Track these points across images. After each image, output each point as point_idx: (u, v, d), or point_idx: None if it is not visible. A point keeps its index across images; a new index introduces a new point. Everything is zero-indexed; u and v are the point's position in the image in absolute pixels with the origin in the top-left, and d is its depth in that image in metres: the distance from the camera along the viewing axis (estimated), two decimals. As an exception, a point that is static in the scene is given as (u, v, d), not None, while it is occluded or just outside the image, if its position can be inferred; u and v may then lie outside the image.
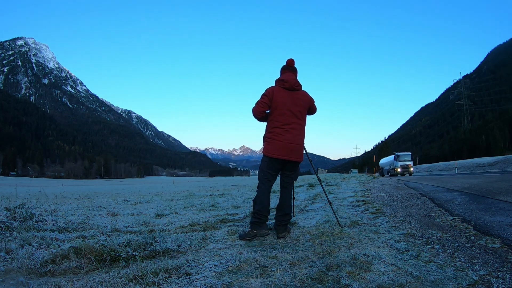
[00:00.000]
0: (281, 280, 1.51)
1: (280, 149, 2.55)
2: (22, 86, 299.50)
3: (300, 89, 2.70)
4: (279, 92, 2.60)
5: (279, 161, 2.62)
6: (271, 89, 2.62)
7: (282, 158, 2.58)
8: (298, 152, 2.63)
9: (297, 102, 2.61)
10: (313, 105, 2.79)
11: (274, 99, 2.58)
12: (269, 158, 2.62)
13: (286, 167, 2.71)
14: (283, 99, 2.58)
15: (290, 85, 2.61)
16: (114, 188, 18.31)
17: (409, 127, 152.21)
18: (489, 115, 69.84)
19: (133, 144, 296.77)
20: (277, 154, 2.57)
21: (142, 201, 5.88)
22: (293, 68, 2.76)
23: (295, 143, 2.59)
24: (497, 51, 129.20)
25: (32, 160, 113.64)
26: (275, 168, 2.66)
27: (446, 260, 1.72)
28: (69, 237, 2.46)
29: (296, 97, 2.62)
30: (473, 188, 5.28)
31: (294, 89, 2.63)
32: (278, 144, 2.56)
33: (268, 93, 2.60)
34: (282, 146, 2.55)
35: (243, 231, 2.63)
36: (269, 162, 2.64)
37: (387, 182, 10.01)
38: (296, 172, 2.78)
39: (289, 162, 2.64)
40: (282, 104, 2.57)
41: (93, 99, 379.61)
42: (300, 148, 2.65)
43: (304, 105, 2.65)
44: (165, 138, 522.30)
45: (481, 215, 2.85)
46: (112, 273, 1.63)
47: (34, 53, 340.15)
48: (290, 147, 2.57)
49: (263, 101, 2.60)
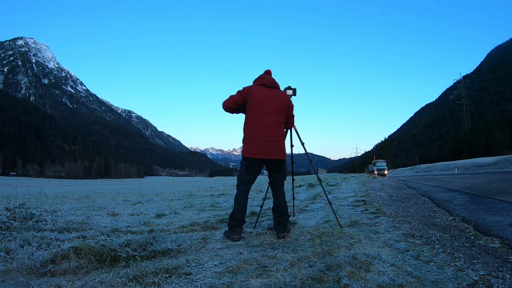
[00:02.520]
0: (281, 280, 1.51)
1: (259, 149, 2.46)
2: (22, 86, 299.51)
3: (278, 89, 2.68)
4: (256, 89, 2.57)
5: (259, 161, 2.52)
6: (248, 87, 2.60)
7: (262, 158, 2.48)
8: (279, 149, 2.53)
9: (275, 99, 2.57)
10: (291, 109, 2.72)
11: (251, 96, 2.54)
12: (248, 160, 2.52)
13: (271, 169, 2.62)
14: (260, 95, 2.54)
15: (267, 81, 2.60)
16: (114, 188, 18.31)
17: (409, 127, 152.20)
18: (489, 115, 69.85)
19: (133, 144, 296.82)
20: (256, 154, 2.46)
21: (142, 201, 5.88)
22: (270, 75, 2.76)
23: (274, 140, 2.49)
24: (497, 51, 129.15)
25: (32, 160, 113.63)
26: (255, 171, 2.57)
27: (446, 260, 1.72)
28: (69, 237, 2.46)
29: (275, 94, 2.60)
30: (473, 188, 5.28)
31: (272, 86, 2.62)
32: (256, 143, 2.47)
33: (243, 91, 2.57)
34: (260, 145, 2.46)
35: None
36: (249, 164, 2.54)
37: (387, 182, 10.00)
38: (283, 172, 2.68)
39: (271, 162, 2.55)
40: (259, 100, 2.53)
41: (93, 99, 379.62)
42: (280, 145, 2.55)
43: (281, 102, 2.60)
44: (165, 138, 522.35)
45: (481, 215, 2.85)
46: (112, 273, 1.63)
47: (34, 53, 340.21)
48: (270, 145, 2.47)
49: (235, 97, 2.58)
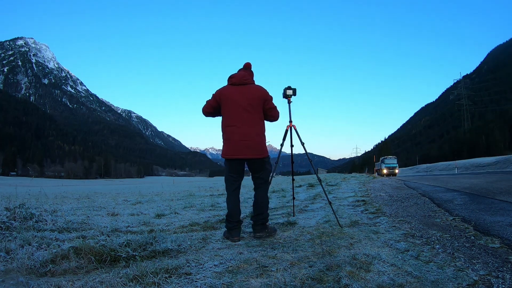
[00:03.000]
0: (281, 280, 1.51)
1: (235, 149, 2.48)
2: (22, 86, 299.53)
3: (251, 84, 2.61)
4: (227, 90, 2.57)
5: (238, 161, 2.53)
6: (219, 90, 2.61)
7: (238, 157, 2.49)
8: (255, 147, 2.50)
9: (246, 96, 2.52)
10: (269, 102, 2.63)
11: (222, 98, 2.55)
12: (228, 161, 2.55)
13: (251, 168, 2.61)
14: (231, 95, 2.53)
15: (237, 79, 2.56)
16: (114, 188, 18.31)
17: (409, 127, 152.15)
18: (489, 115, 69.84)
19: (133, 144, 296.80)
20: (232, 154, 2.49)
21: (142, 201, 5.87)
22: (247, 69, 2.71)
23: (248, 139, 2.47)
24: (497, 51, 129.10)
25: (32, 160, 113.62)
26: (237, 170, 2.58)
27: (446, 260, 1.72)
28: (69, 237, 2.46)
29: (245, 91, 2.54)
30: (473, 188, 5.29)
31: (243, 83, 2.56)
32: (231, 143, 2.49)
33: (216, 94, 2.60)
34: (235, 145, 2.47)
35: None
36: (230, 165, 2.56)
37: (387, 182, 10.00)
38: (265, 170, 2.63)
39: (250, 161, 2.54)
40: (230, 100, 2.52)
41: (93, 99, 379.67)
42: (256, 143, 2.51)
43: (254, 98, 2.54)
44: (165, 138, 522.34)
45: (481, 215, 2.85)
46: (112, 273, 1.63)
47: (34, 53, 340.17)
48: (243, 144, 2.46)
49: (209, 102, 2.62)
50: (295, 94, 3.17)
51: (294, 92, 3.17)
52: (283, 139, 3.16)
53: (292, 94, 3.16)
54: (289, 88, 3.15)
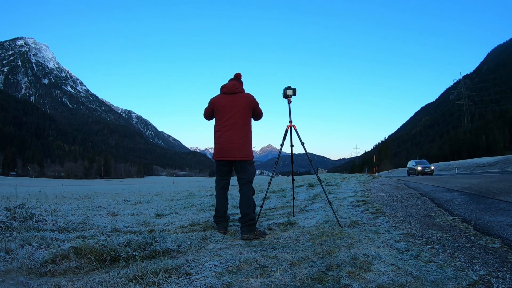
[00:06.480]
0: (281, 280, 1.51)
1: (220, 151, 2.75)
2: (22, 86, 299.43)
3: (240, 92, 2.85)
4: (218, 98, 2.85)
5: (223, 163, 2.82)
6: (213, 99, 2.90)
7: (222, 159, 2.77)
8: (237, 150, 2.72)
9: (235, 103, 2.77)
10: (256, 107, 2.88)
11: (215, 106, 2.84)
12: (216, 162, 2.86)
13: (235, 169, 2.84)
14: (221, 103, 2.80)
15: (227, 89, 2.82)
16: (114, 188, 18.31)
17: (409, 127, 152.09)
18: (489, 115, 69.78)
19: (133, 144, 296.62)
20: (218, 156, 2.78)
21: (142, 201, 5.87)
22: (237, 78, 2.96)
23: (231, 142, 2.72)
24: (497, 51, 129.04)
25: (32, 160, 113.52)
26: (224, 171, 2.87)
27: (446, 260, 1.72)
28: (69, 237, 2.46)
29: (234, 99, 2.79)
30: (473, 188, 5.28)
31: (232, 92, 2.81)
32: (218, 146, 2.77)
33: (210, 102, 2.89)
34: (220, 148, 2.75)
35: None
36: (217, 166, 2.87)
37: (387, 182, 10.00)
38: (247, 172, 2.81)
39: (234, 163, 2.79)
40: (221, 108, 2.79)
41: (93, 99, 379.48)
42: (239, 146, 2.73)
43: (243, 105, 2.78)
44: (165, 138, 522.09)
45: (481, 215, 2.85)
46: (112, 273, 1.63)
47: (34, 53, 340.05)
48: (227, 147, 2.72)
49: (206, 109, 2.92)
50: (295, 94, 3.18)
51: (294, 92, 3.17)
52: (283, 139, 3.16)
53: (292, 94, 3.17)
54: (289, 88, 3.15)
